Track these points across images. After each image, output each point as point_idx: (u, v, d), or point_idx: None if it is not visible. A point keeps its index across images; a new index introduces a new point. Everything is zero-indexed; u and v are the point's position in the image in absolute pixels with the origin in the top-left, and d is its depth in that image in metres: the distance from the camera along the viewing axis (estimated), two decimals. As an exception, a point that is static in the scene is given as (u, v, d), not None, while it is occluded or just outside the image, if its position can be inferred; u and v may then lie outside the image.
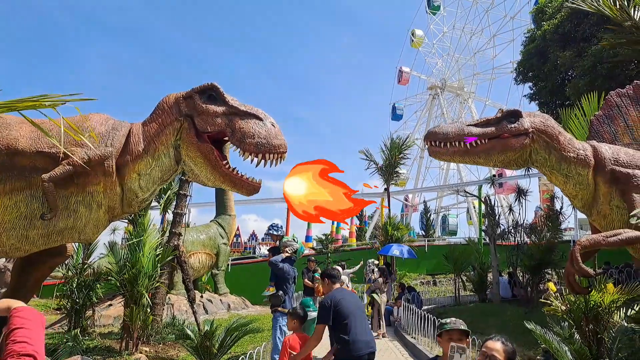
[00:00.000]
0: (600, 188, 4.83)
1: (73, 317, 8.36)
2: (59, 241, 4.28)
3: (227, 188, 4.29)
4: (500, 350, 2.42)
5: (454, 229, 49.71)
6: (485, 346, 2.49)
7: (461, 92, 55.76)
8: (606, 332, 4.30)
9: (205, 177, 4.16)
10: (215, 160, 4.01)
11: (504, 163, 4.99)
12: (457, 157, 5.02)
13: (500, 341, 2.48)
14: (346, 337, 3.98)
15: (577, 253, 4.19)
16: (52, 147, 3.94)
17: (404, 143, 22.04)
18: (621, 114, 5.49)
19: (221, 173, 4.02)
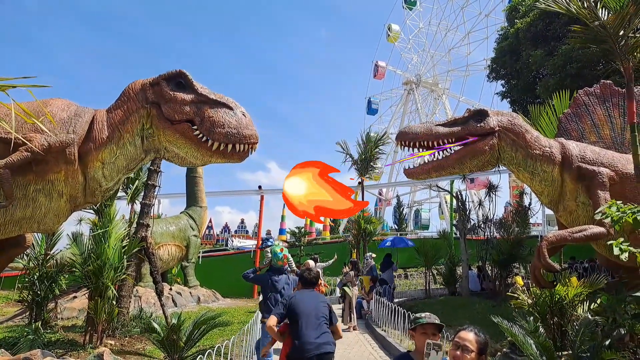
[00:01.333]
0: (567, 184, 4.95)
1: (34, 310, 8.07)
2: (16, 231, 4.10)
3: (217, 161, 4.11)
4: (472, 341, 2.41)
5: (426, 223, 50.61)
6: (458, 336, 2.48)
7: (435, 88, 56.47)
8: (570, 325, 4.42)
9: (193, 156, 4.02)
10: (196, 137, 3.88)
11: (478, 167, 5.10)
12: (433, 173, 5.14)
13: (474, 332, 2.47)
14: (295, 337, 4.00)
15: (544, 248, 4.29)
16: (8, 133, 3.73)
17: (380, 138, 22.21)
18: (588, 113, 5.65)
19: (207, 148, 3.88)
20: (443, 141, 4.95)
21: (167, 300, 11.47)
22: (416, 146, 5.07)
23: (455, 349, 2.43)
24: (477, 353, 2.39)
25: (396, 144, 5.36)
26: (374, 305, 12.50)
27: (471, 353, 2.38)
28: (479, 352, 2.40)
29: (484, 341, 2.46)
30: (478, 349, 2.40)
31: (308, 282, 4.54)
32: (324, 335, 4.06)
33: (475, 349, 2.39)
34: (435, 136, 4.94)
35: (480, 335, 2.47)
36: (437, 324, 2.95)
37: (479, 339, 2.44)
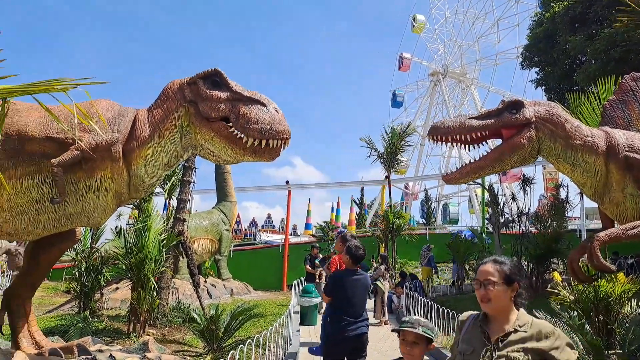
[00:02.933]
0: (612, 175, 4.78)
1: (82, 300, 8.45)
2: (68, 225, 4.29)
3: (249, 159, 4.21)
4: (491, 272, 2.12)
5: (455, 218, 49.84)
6: (477, 273, 2.21)
7: (463, 78, 55.35)
8: (617, 323, 4.30)
9: (226, 154, 4.13)
10: (231, 135, 3.98)
11: (519, 162, 4.94)
12: (472, 175, 4.98)
13: (491, 262, 2.19)
14: (338, 315, 4.27)
15: (596, 249, 4.15)
16: (60, 133, 3.93)
17: (405, 130, 21.99)
18: (636, 99, 5.42)
19: (241, 146, 3.97)
20: (477, 135, 4.85)
21: (203, 292, 11.73)
22: (448, 141, 4.95)
23: (478, 288, 2.15)
24: (503, 283, 2.09)
25: (428, 139, 5.28)
26: (404, 300, 12.48)
27: (495, 286, 2.08)
28: (505, 281, 2.10)
29: (508, 268, 2.14)
30: (503, 278, 2.10)
31: (357, 258, 4.70)
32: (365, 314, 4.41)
33: (498, 279, 2.09)
34: (468, 129, 4.82)
35: (501, 262, 2.17)
36: (418, 334, 2.46)
37: (499, 267, 2.13)
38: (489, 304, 2.11)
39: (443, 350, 7.65)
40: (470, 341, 2.18)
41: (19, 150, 3.91)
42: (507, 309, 2.12)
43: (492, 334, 2.11)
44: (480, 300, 2.14)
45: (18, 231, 4.06)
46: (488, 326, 2.15)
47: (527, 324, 2.08)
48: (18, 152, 3.91)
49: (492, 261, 2.19)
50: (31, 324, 4.71)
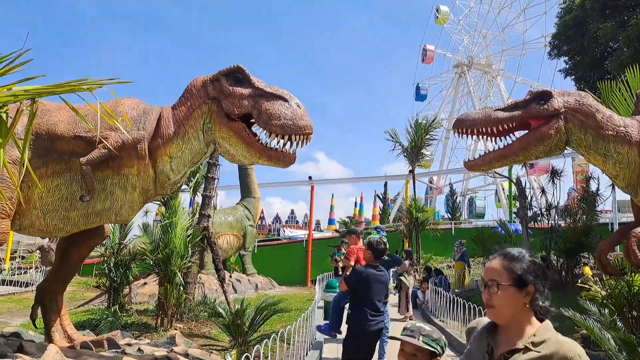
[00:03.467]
0: None
1: (112, 295, 8.69)
2: (97, 222, 4.40)
3: (264, 163, 4.24)
4: (498, 270, 1.69)
5: (481, 212, 48.96)
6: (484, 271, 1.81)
7: (489, 69, 54.15)
8: (652, 319, 4.14)
9: (242, 155, 4.15)
10: (248, 137, 4.01)
11: (545, 153, 4.81)
12: (495, 163, 4.90)
13: (499, 257, 1.74)
14: (360, 310, 4.41)
15: (634, 246, 4.00)
16: (88, 132, 4.02)
17: (430, 124, 21.68)
18: (671, 87, 5.19)
19: (256, 149, 4.01)
20: (503, 127, 4.73)
21: (228, 287, 11.88)
22: (474, 133, 4.85)
23: (482, 288, 1.76)
24: (511, 285, 1.64)
25: (452, 132, 5.18)
26: (430, 296, 12.36)
27: (500, 288, 1.65)
28: (515, 282, 1.65)
29: (521, 266, 1.67)
30: (513, 278, 1.65)
31: (376, 251, 4.79)
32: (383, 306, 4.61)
33: (506, 279, 1.65)
34: (495, 122, 4.71)
35: (513, 257, 1.70)
36: (417, 346, 2.11)
37: (511, 263, 1.68)
38: (493, 311, 1.70)
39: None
40: (472, 355, 1.83)
41: (49, 149, 4.02)
42: (521, 319, 1.68)
43: (497, 348, 1.71)
44: (486, 305, 1.73)
45: (49, 228, 4.19)
46: (495, 338, 1.74)
47: (546, 341, 1.65)
48: (48, 150, 4.02)
49: (501, 256, 1.73)
50: (63, 318, 4.86)
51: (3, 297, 12.65)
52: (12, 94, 1.86)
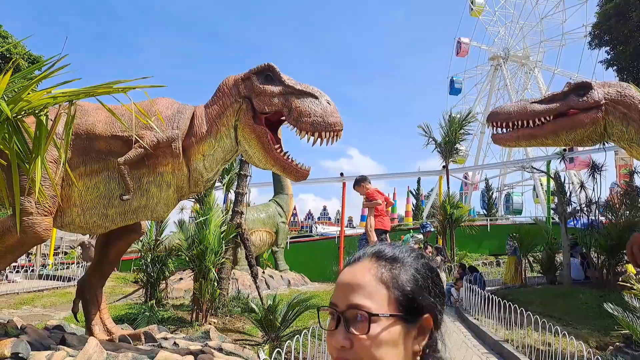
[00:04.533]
0: None
1: (149, 290, 8.97)
2: (134, 219, 4.54)
3: (276, 172, 4.38)
4: (366, 284, 0.91)
5: (518, 208, 47.47)
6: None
7: (526, 61, 52.35)
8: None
9: (257, 159, 4.25)
10: (267, 143, 4.08)
11: (575, 141, 4.65)
12: (522, 141, 4.77)
13: (368, 257, 0.98)
14: None
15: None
16: (125, 131, 4.16)
17: (464, 118, 21.18)
18: None
19: (272, 157, 4.09)
20: (540, 119, 4.58)
21: (261, 283, 12.04)
22: (509, 127, 4.74)
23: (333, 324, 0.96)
24: (395, 315, 0.89)
25: (487, 126, 5.06)
26: (464, 294, 12.11)
27: (370, 321, 0.87)
28: (403, 310, 0.90)
29: (411, 277, 0.94)
30: (396, 302, 0.90)
31: None
32: None
33: (384, 305, 0.90)
34: (531, 114, 4.57)
35: (391, 259, 0.96)
36: None
37: (389, 272, 0.94)
38: None
39: (504, 344, 7.36)
40: None
41: (88, 149, 4.17)
42: None
43: None
44: None
45: (89, 225, 4.36)
46: None
47: None
48: (87, 150, 4.18)
49: (372, 257, 0.98)
50: (103, 312, 5.05)
51: (47, 292, 13.29)
52: (51, 97, 1.95)
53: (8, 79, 1.82)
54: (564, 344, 6.09)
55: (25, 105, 1.89)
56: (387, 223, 5.06)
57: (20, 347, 3.70)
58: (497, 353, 7.36)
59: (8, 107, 1.79)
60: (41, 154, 2.00)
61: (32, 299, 11.86)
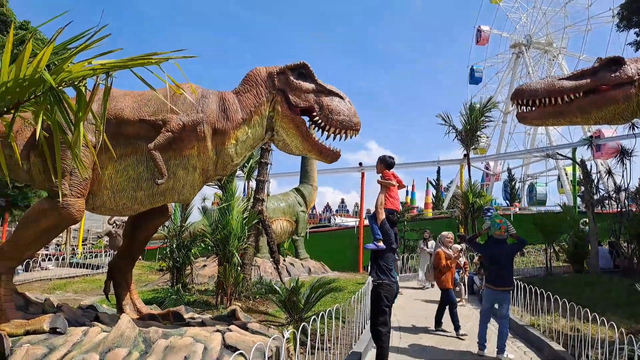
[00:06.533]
0: None
1: (175, 274, 9.17)
2: (161, 201, 4.65)
3: (312, 156, 4.68)
4: None
5: (542, 198, 46.56)
6: None
7: (550, 48, 51.04)
8: None
9: (295, 146, 4.54)
10: (306, 131, 4.42)
11: (606, 119, 4.45)
12: (549, 118, 4.57)
13: None
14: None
15: None
16: (152, 115, 4.27)
17: (485, 105, 20.84)
18: None
19: (310, 143, 4.44)
20: (569, 96, 4.41)
21: (282, 270, 12.18)
22: (536, 104, 4.57)
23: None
24: None
25: (512, 104, 4.92)
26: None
27: None
28: None
29: None
30: None
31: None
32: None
33: None
34: (560, 91, 4.38)
35: None
36: None
37: None
38: None
39: (529, 328, 7.30)
40: None
41: (117, 133, 4.27)
42: None
43: None
44: None
45: (119, 207, 4.48)
46: None
47: None
48: (116, 135, 4.28)
49: None
50: (132, 293, 5.21)
51: (78, 278, 13.71)
52: (90, 68, 2.01)
53: (50, 50, 1.89)
54: (594, 329, 6.00)
55: (66, 75, 1.96)
56: (397, 204, 5.28)
57: (58, 322, 3.85)
58: (522, 338, 7.30)
59: (51, 77, 1.86)
60: (81, 122, 2.07)
61: (64, 285, 12.26)
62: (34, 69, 1.83)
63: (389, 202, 5.28)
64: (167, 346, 3.77)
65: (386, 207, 5.26)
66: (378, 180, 5.51)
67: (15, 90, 1.87)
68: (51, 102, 2.03)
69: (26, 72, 1.83)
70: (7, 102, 1.91)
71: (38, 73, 1.85)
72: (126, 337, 3.82)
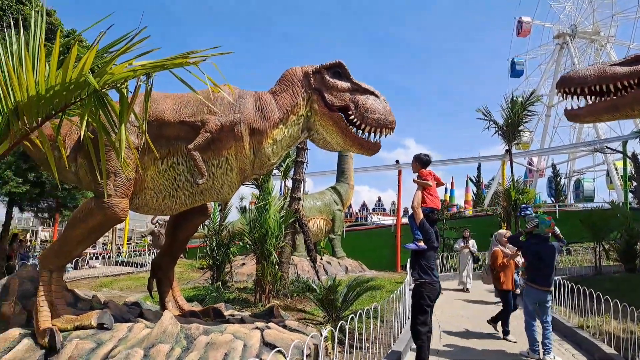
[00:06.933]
0: None
1: (215, 272, 9.38)
2: (201, 200, 4.74)
3: (353, 150, 4.67)
4: None
5: (590, 195, 44.35)
6: None
7: (596, 37, 48.61)
8: None
9: (336, 142, 4.58)
10: (345, 126, 4.44)
11: None
12: (603, 114, 4.19)
13: None
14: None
15: None
16: (191, 117, 4.36)
17: (528, 99, 20.05)
18: None
19: (351, 137, 4.47)
20: (622, 83, 4.04)
21: (319, 269, 12.20)
22: (585, 93, 4.20)
23: None
24: None
25: (557, 93, 4.60)
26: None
27: None
28: None
29: None
30: None
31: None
32: None
33: None
34: (612, 77, 3.98)
35: None
36: None
37: None
38: None
39: (578, 330, 6.98)
40: None
41: (158, 135, 4.39)
42: None
43: None
44: None
45: (161, 206, 4.61)
46: None
47: None
48: (157, 136, 4.39)
49: None
50: (174, 290, 5.36)
51: (123, 276, 14.29)
52: (131, 70, 2.08)
53: (94, 54, 1.96)
54: (649, 331, 5.66)
55: (109, 78, 2.03)
56: (437, 202, 5.22)
57: (105, 318, 4.01)
58: (571, 340, 6.99)
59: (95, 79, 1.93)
60: (124, 123, 2.14)
61: (110, 282, 12.80)
62: (79, 72, 1.91)
63: (429, 201, 5.18)
64: (208, 342, 3.85)
65: (426, 205, 5.16)
66: (414, 180, 5.41)
67: (62, 94, 1.95)
68: (95, 104, 2.11)
69: (72, 75, 1.91)
70: (55, 105, 1.99)
71: (83, 76, 1.93)
72: (169, 333, 3.93)
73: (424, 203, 5.18)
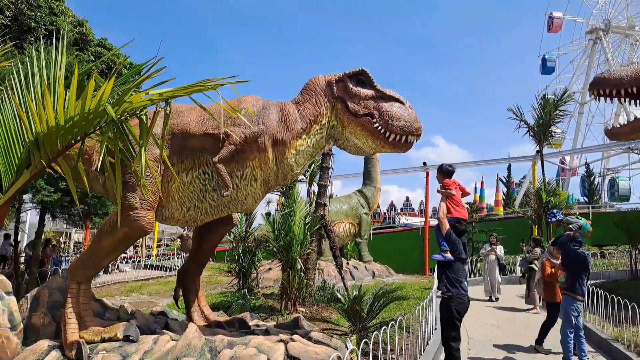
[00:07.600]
0: None
1: (241, 279, 9.45)
2: (225, 211, 4.78)
3: (386, 151, 4.63)
4: None
5: (625, 194, 42.67)
6: None
7: (631, 32, 46.66)
8: None
9: (368, 146, 4.54)
10: (374, 129, 4.39)
11: None
12: None
13: None
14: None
15: None
16: (215, 129, 4.39)
17: (560, 98, 19.43)
18: None
19: (382, 139, 4.41)
20: None
21: (346, 274, 12.14)
22: (621, 95, 3.99)
23: None
24: None
25: (590, 94, 4.38)
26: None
27: None
28: None
29: None
30: None
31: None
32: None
33: None
34: None
35: None
36: None
37: None
38: None
39: (613, 342, 6.69)
40: None
41: (183, 147, 4.45)
42: None
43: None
44: None
45: (186, 217, 4.66)
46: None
47: None
48: (182, 148, 4.46)
49: None
50: (200, 299, 5.41)
51: (152, 280, 14.59)
52: (149, 98, 2.09)
53: (112, 85, 1.99)
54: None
55: (127, 106, 2.06)
56: (464, 212, 5.12)
57: (131, 330, 4.07)
58: (604, 352, 6.70)
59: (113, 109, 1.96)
60: (143, 148, 2.16)
61: (140, 287, 13.10)
62: (97, 102, 1.94)
63: (454, 211, 5.08)
64: (232, 357, 3.86)
65: (452, 216, 5.05)
66: (438, 190, 5.33)
67: (82, 124, 1.99)
68: (114, 132, 2.14)
69: (90, 105, 1.95)
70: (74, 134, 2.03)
71: (101, 106, 1.96)
72: (193, 346, 3.96)
73: (449, 213, 5.08)
